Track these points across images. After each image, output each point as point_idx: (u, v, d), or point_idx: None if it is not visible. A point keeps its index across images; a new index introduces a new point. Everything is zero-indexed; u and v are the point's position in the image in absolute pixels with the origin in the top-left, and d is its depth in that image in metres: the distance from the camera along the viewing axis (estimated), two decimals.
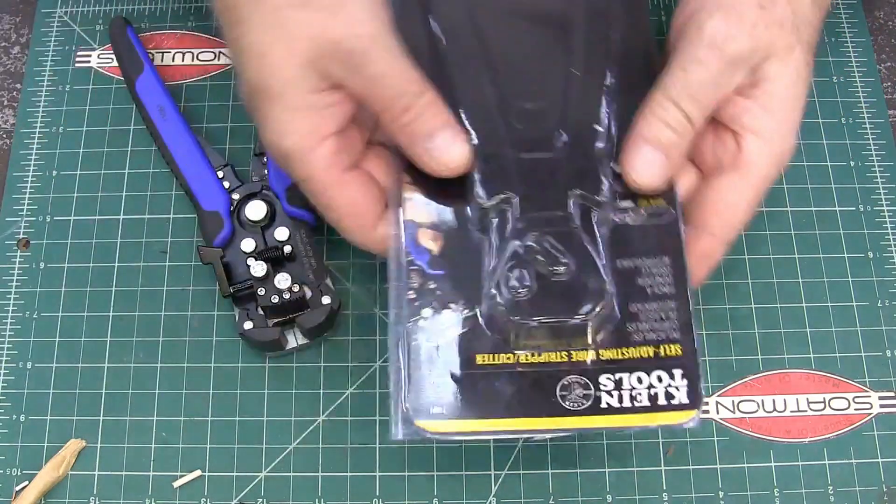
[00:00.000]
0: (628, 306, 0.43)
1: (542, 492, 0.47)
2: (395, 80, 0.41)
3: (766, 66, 0.43)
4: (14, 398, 0.49)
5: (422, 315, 0.43)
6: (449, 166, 0.43)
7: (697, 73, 0.42)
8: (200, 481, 0.48)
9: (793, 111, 0.44)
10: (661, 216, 0.44)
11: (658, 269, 0.43)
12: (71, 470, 0.48)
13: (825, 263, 0.51)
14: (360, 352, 0.50)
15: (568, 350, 0.42)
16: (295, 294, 0.48)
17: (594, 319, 0.42)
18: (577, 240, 0.43)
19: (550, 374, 0.42)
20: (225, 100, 0.55)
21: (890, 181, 0.53)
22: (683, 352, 0.42)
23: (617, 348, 0.42)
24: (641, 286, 0.43)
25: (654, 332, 0.42)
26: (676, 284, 0.43)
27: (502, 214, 0.44)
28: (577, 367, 0.42)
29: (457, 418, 0.41)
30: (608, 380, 0.42)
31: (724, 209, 0.44)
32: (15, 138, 0.55)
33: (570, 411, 0.41)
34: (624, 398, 0.42)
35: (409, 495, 0.47)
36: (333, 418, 0.49)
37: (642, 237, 0.44)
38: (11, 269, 0.52)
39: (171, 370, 0.50)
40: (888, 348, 0.50)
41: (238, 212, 0.50)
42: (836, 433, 0.48)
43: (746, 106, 0.43)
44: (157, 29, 0.58)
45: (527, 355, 0.42)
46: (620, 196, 0.44)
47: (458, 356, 0.42)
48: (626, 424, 0.41)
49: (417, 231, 0.44)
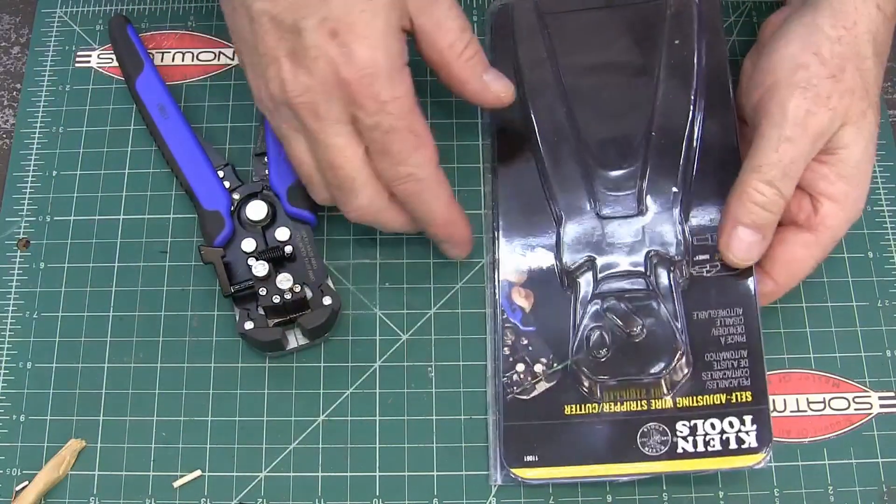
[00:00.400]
0: (703, 356, 0.46)
1: (542, 492, 0.47)
2: (460, 20, 0.46)
3: (841, 132, 0.45)
4: (14, 398, 0.49)
5: (516, 370, 0.48)
6: (499, 96, 0.47)
7: (789, 152, 0.44)
8: (200, 481, 0.48)
9: (866, 176, 0.46)
10: (735, 269, 0.47)
11: (731, 320, 0.47)
12: (71, 470, 0.48)
13: (825, 263, 0.51)
14: (360, 352, 0.50)
15: (647, 399, 0.46)
16: (296, 294, 0.48)
17: (669, 375, 0.45)
18: (653, 300, 0.47)
19: (631, 422, 0.46)
20: (225, 100, 0.55)
21: (890, 181, 0.53)
22: (754, 398, 0.45)
23: (692, 395, 0.46)
24: (716, 336, 0.47)
25: (727, 380, 0.46)
26: (748, 334, 0.46)
27: (586, 275, 0.48)
28: (655, 415, 0.46)
29: (548, 465, 0.46)
30: (684, 426, 0.45)
31: (792, 262, 0.47)
32: (15, 138, 0.55)
33: (649, 457, 0.46)
34: (698, 444, 0.45)
35: (409, 495, 0.47)
36: (333, 418, 0.49)
37: (717, 289, 0.47)
38: (11, 269, 0.52)
39: (171, 370, 0.49)
40: (888, 348, 0.50)
41: (239, 212, 0.50)
42: (836, 433, 0.48)
43: (823, 172, 0.46)
44: (157, 29, 0.58)
45: (609, 405, 0.46)
46: (697, 250, 0.48)
47: (549, 408, 0.47)
48: (701, 468, 0.45)
49: (511, 289, 0.49)
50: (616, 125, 0.51)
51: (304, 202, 0.50)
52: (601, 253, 0.48)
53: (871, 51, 0.46)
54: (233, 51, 0.57)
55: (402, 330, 0.50)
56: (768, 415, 0.45)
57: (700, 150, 0.50)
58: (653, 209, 0.49)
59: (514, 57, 0.53)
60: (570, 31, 0.53)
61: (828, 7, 0.46)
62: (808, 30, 0.46)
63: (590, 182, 0.50)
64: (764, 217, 0.45)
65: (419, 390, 0.49)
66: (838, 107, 0.45)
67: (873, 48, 0.46)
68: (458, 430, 0.48)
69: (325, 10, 0.42)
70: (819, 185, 0.46)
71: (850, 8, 0.46)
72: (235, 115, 0.55)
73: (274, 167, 0.51)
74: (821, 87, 0.45)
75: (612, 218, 0.49)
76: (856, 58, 0.45)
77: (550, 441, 0.46)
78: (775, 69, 0.46)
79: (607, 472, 0.45)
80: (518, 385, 0.47)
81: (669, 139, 0.50)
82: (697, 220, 0.49)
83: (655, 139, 0.50)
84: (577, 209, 0.50)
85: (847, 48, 0.45)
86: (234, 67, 0.56)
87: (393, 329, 0.50)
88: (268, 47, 0.43)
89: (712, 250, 0.48)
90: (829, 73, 0.45)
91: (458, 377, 0.49)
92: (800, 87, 0.45)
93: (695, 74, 0.51)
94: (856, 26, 0.46)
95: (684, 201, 0.49)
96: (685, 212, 0.49)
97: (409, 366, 0.49)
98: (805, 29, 0.46)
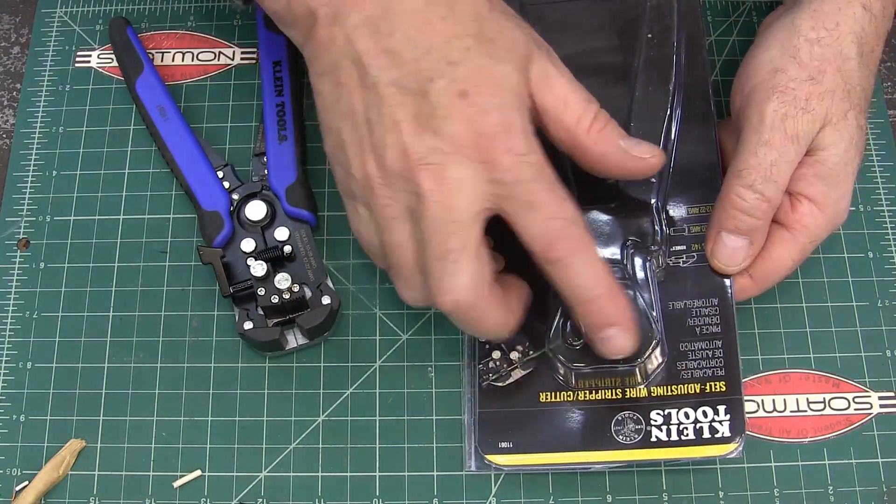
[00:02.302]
0: (679, 346, 0.47)
1: (542, 492, 0.47)
2: (583, 92, 0.43)
3: (821, 134, 0.45)
4: (14, 398, 0.49)
5: (492, 357, 0.48)
6: (646, 160, 0.44)
7: (769, 156, 0.44)
8: (200, 481, 0.48)
9: (846, 177, 0.46)
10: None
11: (707, 310, 0.47)
12: (71, 470, 0.48)
13: (825, 263, 0.51)
14: (360, 352, 0.50)
15: (622, 388, 0.46)
16: (295, 294, 0.48)
17: (643, 363, 0.46)
18: (629, 289, 0.47)
19: (606, 410, 0.46)
20: (225, 100, 0.55)
21: (890, 181, 0.53)
22: (728, 388, 0.46)
23: (666, 385, 0.46)
24: (691, 326, 0.47)
25: (701, 370, 0.46)
26: (724, 324, 0.47)
27: None
28: (629, 404, 0.46)
29: (522, 452, 0.46)
30: (658, 415, 0.46)
31: (768, 260, 0.46)
32: (15, 138, 0.55)
33: (622, 445, 0.46)
34: (672, 432, 0.45)
35: (408, 495, 0.47)
36: (333, 418, 0.49)
37: (693, 280, 0.47)
38: (11, 269, 0.52)
39: (171, 370, 0.49)
40: (888, 348, 0.50)
41: (238, 212, 0.50)
42: (836, 433, 0.48)
43: (801, 172, 0.45)
44: (157, 29, 0.58)
45: (584, 393, 0.47)
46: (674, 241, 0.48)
47: (524, 395, 0.47)
48: (674, 457, 0.45)
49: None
50: None
51: (303, 202, 0.50)
52: None
53: (854, 51, 0.46)
54: (233, 51, 0.57)
55: (402, 330, 0.50)
56: (742, 404, 0.45)
57: (678, 141, 0.50)
58: (630, 198, 0.49)
59: None
60: (552, 22, 0.53)
61: (808, 9, 0.46)
62: (786, 32, 0.46)
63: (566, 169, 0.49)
64: (747, 222, 0.45)
65: (419, 390, 0.49)
66: (817, 109, 0.44)
67: (858, 48, 0.46)
68: (458, 429, 0.48)
69: (453, 72, 0.39)
70: (798, 185, 0.46)
71: (832, 8, 0.46)
72: (235, 116, 0.55)
73: (273, 167, 0.51)
74: (799, 91, 0.45)
75: (589, 207, 0.49)
76: (837, 59, 0.45)
77: (525, 428, 0.46)
78: (754, 74, 0.46)
79: (581, 459, 0.46)
80: (494, 372, 0.47)
81: (647, 129, 0.50)
82: (674, 211, 0.49)
83: (634, 129, 0.50)
84: None
85: (827, 49, 0.45)
86: (234, 67, 0.56)
87: (393, 329, 0.50)
88: (384, 114, 0.40)
89: (689, 241, 0.48)
90: (808, 76, 0.45)
91: (458, 377, 0.49)
92: (777, 90, 0.45)
93: (674, 66, 0.51)
94: (838, 27, 0.45)
95: (662, 191, 0.49)
96: (662, 202, 0.49)
97: (409, 366, 0.49)
98: (784, 32, 0.46)
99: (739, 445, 0.45)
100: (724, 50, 0.56)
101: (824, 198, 0.45)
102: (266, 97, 0.53)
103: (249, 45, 0.57)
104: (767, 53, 0.46)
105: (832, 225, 0.46)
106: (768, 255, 0.46)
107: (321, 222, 0.52)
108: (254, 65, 0.56)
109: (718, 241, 0.46)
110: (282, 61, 0.53)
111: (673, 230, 0.49)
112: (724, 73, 0.56)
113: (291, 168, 0.51)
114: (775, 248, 0.46)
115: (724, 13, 0.58)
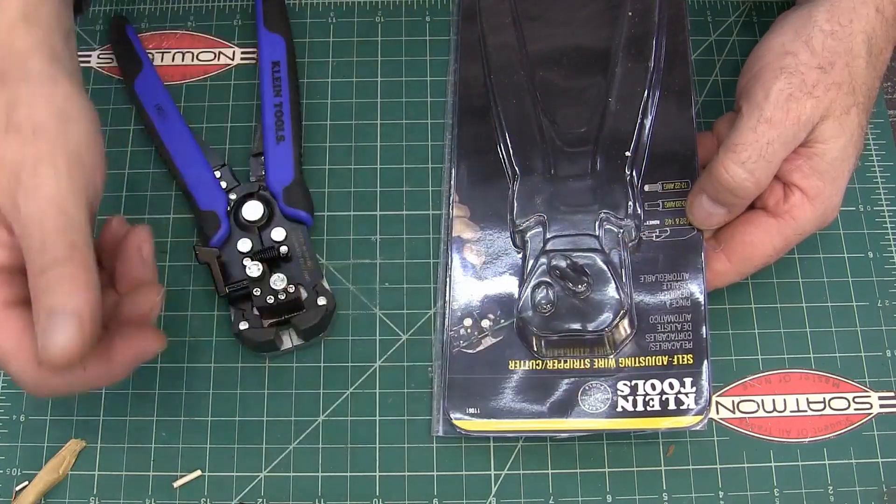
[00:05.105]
0: (648, 318, 0.47)
1: (542, 492, 0.47)
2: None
3: (822, 126, 0.45)
4: (14, 398, 0.49)
5: (463, 324, 0.48)
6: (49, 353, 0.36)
7: (767, 133, 0.44)
8: (200, 481, 0.48)
9: (842, 175, 0.46)
10: (685, 235, 0.48)
11: (678, 284, 0.47)
12: (71, 470, 0.48)
13: (825, 263, 0.51)
14: (360, 352, 0.50)
15: (590, 358, 0.47)
16: (290, 295, 0.48)
17: (611, 332, 0.46)
18: (600, 259, 0.47)
19: (574, 380, 0.47)
20: (224, 100, 0.55)
21: (890, 181, 0.53)
22: (695, 361, 0.46)
23: (634, 356, 0.47)
24: (662, 300, 0.47)
25: (670, 342, 0.47)
26: (693, 298, 0.47)
27: (536, 234, 0.49)
28: (597, 374, 0.47)
29: (489, 418, 0.47)
30: (625, 385, 0.46)
31: (749, 244, 0.46)
32: None
33: (589, 414, 0.46)
34: (638, 403, 0.46)
35: (408, 495, 0.47)
36: (333, 418, 0.49)
37: (665, 254, 0.48)
38: None
39: (171, 370, 0.49)
40: (888, 348, 0.49)
41: (235, 212, 0.50)
42: (836, 433, 0.48)
43: (798, 164, 0.45)
44: (157, 29, 0.58)
45: (553, 362, 0.47)
46: (648, 215, 0.49)
47: (493, 362, 0.48)
48: (640, 427, 0.46)
49: (464, 246, 0.50)
50: (575, 90, 0.52)
51: (300, 202, 0.50)
52: (552, 212, 0.49)
53: (864, 50, 0.46)
54: (233, 51, 0.57)
55: (402, 330, 0.50)
56: (707, 378, 0.46)
57: (655, 117, 0.51)
58: (605, 171, 0.49)
59: (479, 20, 0.55)
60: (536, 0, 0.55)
61: (826, 3, 0.46)
62: (802, 21, 0.46)
63: (545, 142, 0.51)
64: (730, 199, 0.45)
65: (419, 390, 0.49)
66: (823, 97, 0.44)
67: (867, 48, 0.46)
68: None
69: None
70: (793, 177, 0.45)
71: (848, 6, 0.46)
72: (234, 116, 0.55)
73: (271, 168, 0.51)
74: (807, 75, 0.44)
75: (564, 178, 0.50)
76: (847, 54, 0.45)
77: (494, 395, 0.47)
78: (764, 55, 0.46)
79: (548, 426, 0.46)
80: (465, 339, 0.48)
81: (626, 105, 0.51)
82: (650, 187, 0.50)
83: (612, 104, 0.51)
84: (530, 168, 0.50)
85: (839, 43, 0.45)
86: (234, 67, 0.56)
87: (393, 329, 0.50)
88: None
89: (662, 216, 0.49)
90: (818, 64, 0.45)
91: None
92: (787, 71, 0.45)
93: (654, 45, 0.52)
94: (851, 24, 0.46)
95: (637, 166, 0.50)
96: (637, 176, 0.49)
97: (409, 366, 0.49)
98: (800, 20, 0.46)
99: (704, 418, 0.45)
100: (724, 50, 0.56)
101: (817, 192, 0.45)
102: (264, 97, 0.53)
103: (249, 46, 0.57)
104: (781, 38, 0.46)
105: (821, 220, 0.46)
106: (750, 239, 0.46)
107: (321, 223, 0.52)
108: (254, 65, 0.56)
109: (697, 202, 0.47)
110: (280, 62, 0.53)
111: (648, 205, 0.49)
112: (725, 74, 0.55)
113: (289, 168, 0.51)
114: (758, 235, 0.46)
115: (724, 13, 0.57)
